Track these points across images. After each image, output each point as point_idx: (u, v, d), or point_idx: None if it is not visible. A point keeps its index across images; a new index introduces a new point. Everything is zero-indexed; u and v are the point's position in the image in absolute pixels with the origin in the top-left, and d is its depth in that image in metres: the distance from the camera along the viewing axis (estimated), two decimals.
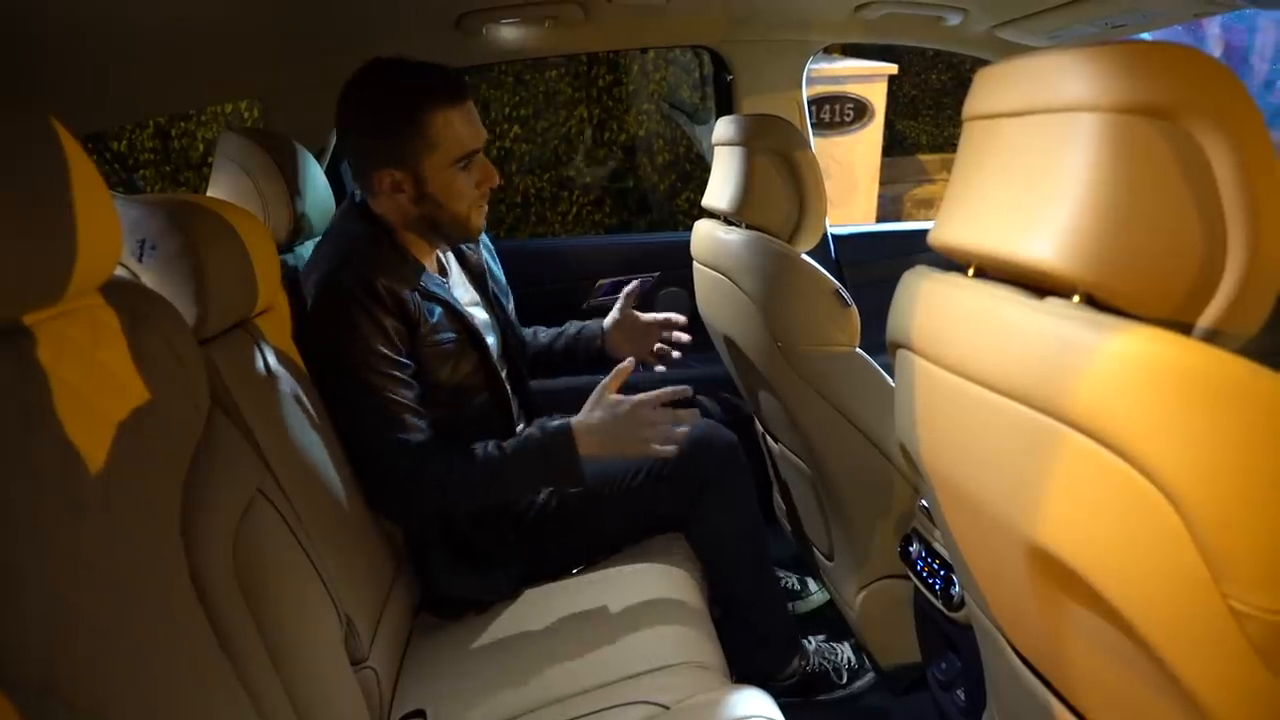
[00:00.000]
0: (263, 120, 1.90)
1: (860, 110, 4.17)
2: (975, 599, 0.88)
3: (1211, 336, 0.55)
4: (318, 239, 1.58)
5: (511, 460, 1.23)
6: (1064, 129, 0.58)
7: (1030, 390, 0.59)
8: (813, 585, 1.89)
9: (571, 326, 1.65)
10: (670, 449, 1.22)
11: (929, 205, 5.08)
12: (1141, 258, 0.55)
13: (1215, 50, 3.75)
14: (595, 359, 1.59)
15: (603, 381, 1.26)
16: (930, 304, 0.75)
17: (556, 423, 1.25)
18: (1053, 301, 0.60)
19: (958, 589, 1.10)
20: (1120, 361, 0.52)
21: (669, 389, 1.24)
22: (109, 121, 1.88)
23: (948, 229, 0.73)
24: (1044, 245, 0.59)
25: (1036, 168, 0.61)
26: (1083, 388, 0.54)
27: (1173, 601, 0.52)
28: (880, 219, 4.54)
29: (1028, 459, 0.60)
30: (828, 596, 1.80)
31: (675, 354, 1.58)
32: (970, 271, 0.73)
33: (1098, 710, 0.71)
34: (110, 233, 0.69)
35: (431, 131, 1.21)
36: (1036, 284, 0.63)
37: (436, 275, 1.35)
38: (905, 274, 0.83)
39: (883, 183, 4.44)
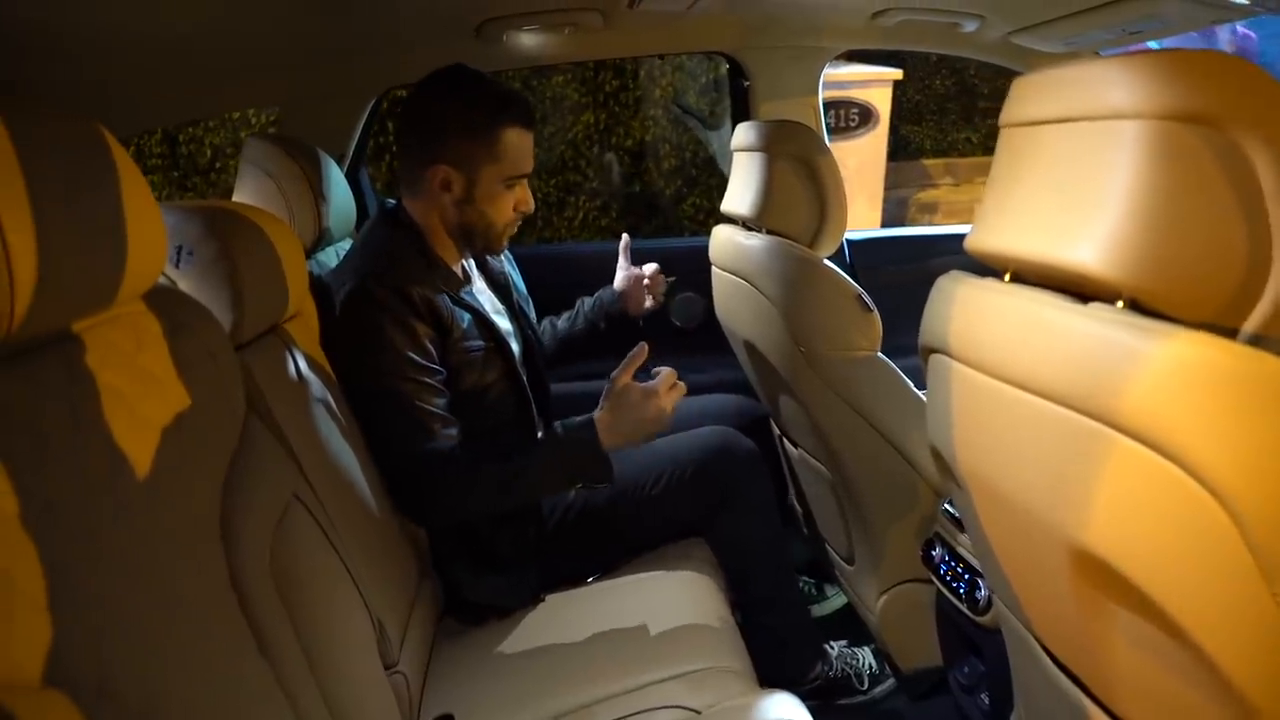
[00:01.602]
0: (280, 127, 1.91)
1: (865, 115, 4.18)
2: (1007, 602, 0.88)
3: (1256, 341, 0.56)
4: (338, 244, 1.59)
5: (536, 461, 1.24)
6: (1107, 136, 0.59)
7: (1074, 394, 0.60)
8: (829, 590, 1.89)
9: (583, 304, 1.71)
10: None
11: (933, 209, 5.08)
12: (1186, 263, 0.56)
13: None
14: (618, 321, 1.69)
15: (613, 374, 1.27)
16: (967, 309, 0.76)
17: (579, 420, 1.26)
18: (1096, 306, 0.61)
19: (983, 592, 1.10)
20: (1168, 365, 0.52)
21: (666, 370, 1.27)
22: (132, 129, 1.89)
23: (986, 234, 0.74)
24: (1088, 250, 0.59)
25: (1079, 174, 0.61)
26: (1130, 391, 0.54)
27: (1223, 602, 0.52)
28: (885, 223, 4.54)
29: (1072, 462, 0.61)
30: (845, 601, 1.80)
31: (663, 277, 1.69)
32: (1006, 276, 0.74)
33: (1135, 712, 0.71)
34: (157, 240, 0.69)
35: (500, 145, 1.27)
36: (1078, 289, 0.63)
37: (463, 282, 1.36)
38: (939, 279, 0.84)
39: (887, 187, 4.44)
